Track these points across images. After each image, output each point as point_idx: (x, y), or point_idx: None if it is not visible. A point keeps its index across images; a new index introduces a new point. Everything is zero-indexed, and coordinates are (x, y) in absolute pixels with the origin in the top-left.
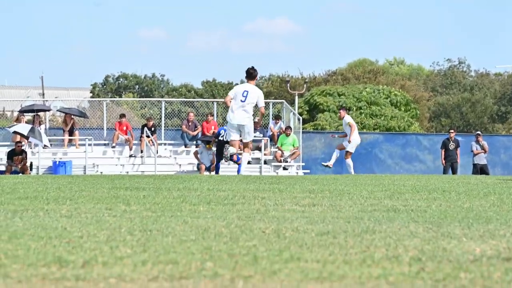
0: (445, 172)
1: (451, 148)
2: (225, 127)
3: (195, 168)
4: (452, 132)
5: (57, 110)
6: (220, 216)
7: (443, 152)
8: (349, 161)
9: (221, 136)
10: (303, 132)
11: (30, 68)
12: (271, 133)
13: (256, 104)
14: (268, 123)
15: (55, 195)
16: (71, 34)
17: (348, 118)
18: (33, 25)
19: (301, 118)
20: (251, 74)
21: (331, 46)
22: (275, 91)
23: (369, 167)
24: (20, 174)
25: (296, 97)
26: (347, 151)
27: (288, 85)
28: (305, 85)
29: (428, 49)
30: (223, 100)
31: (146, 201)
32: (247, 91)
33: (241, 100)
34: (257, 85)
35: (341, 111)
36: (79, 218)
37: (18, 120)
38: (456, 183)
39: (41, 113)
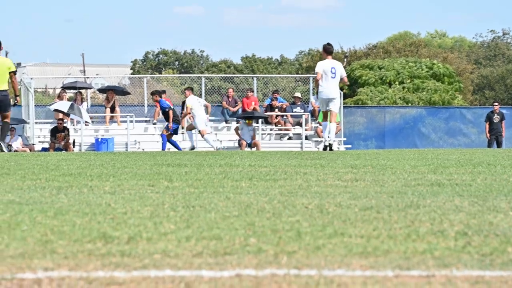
0: (489, 145)
1: (495, 121)
2: None
3: (236, 144)
4: (496, 105)
5: (97, 90)
6: (263, 192)
7: (487, 126)
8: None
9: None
10: (344, 107)
11: (71, 46)
12: (312, 108)
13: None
14: (309, 98)
15: (98, 172)
16: (111, 11)
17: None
18: (73, 3)
19: (342, 92)
20: (329, 50)
21: (371, 19)
22: (315, 65)
23: (411, 142)
24: (63, 151)
25: None
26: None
27: None
28: (345, 59)
29: (470, 21)
30: (262, 75)
31: (188, 177)
32: (334, 68)
33: (331, 77)
34: (296, 60)
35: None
36: (122, 195)
37: (60, 97)
38: (501, 156)
39: (82, 91)
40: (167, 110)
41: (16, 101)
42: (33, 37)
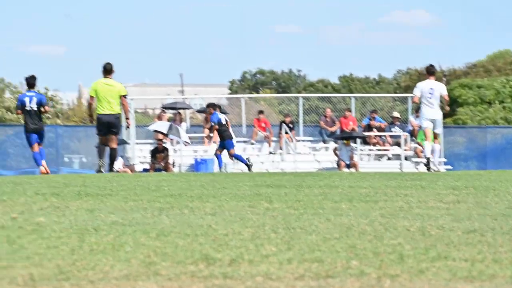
0: None
1: None
2: None
3: (335, 165)
4: None
5: (196, 111)
6: (363, 213)
7: None
8: None
9: None
10: (444, 127)
11: (170, 66)
12: (411, 128)
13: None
14: (408, 117)
15: (199, 193)
16: (209, 32)
17: None
18: (172, 25)
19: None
20: (430, 71)
21: (470, 37)
22: (413, 85)
23: None
24: (163, 171)
25: None
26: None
27: None
28: (444, 79)
29: None
30: (360, 95)
31: (288, 198)
32: (432, 88)
33: (428, 98)
34: (395, 79)
35: None
36: (223, 216)
37: (159, 117)
38: None
39: (181, 111)
40: (214, 124)
41: (127, 124)
42: (133, 57)
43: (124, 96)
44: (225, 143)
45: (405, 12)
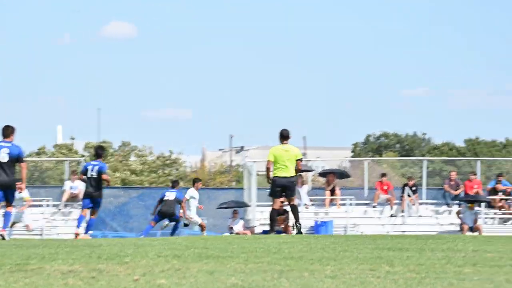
0: None
1: None
2: None
3: (458, 228)
4: None
5: (318, 174)
6: (487, 278)
7: None
8: None
9: None
10: None
11: (293, 129)
12: None
13: None
14: None
15: (319, 256)
16: (332, 95)
17: None
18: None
19: None
20: None
21: None
22: None
23: None
24: (283, 233)
25: None
26: None
27: None
28: None
29: None
30: (486, 158)
31: (409, 262)
32: None
33: None
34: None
35: None
36: (343, 279)
37: None
38: None
39: (303, 173)
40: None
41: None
42: (257, 120)
43: (300, 159)
44: None
45: None
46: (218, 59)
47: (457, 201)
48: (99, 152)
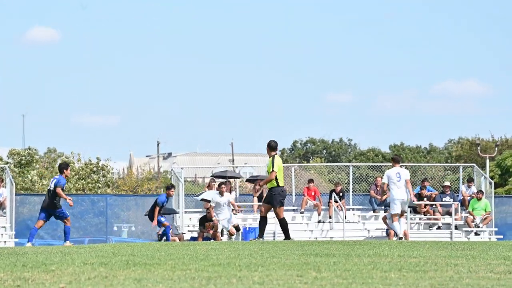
0: None
1: None
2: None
3: (384, 234)
4: None
5: (246, 180)
6: (412, 283)
7: None
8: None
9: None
10: (495, 197)
11: (220, 135)
12: (462, 197)
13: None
14: (459, 187)
15: (247, 262)
16: (259, 101)
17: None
18: (222, 93)
19: (492, 182)
20: None
21: None
22: (465, 154)
23: None
24: (212, 240)
25: (487, 160)
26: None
27: (479, 148)
28: (496, 148)
29: None
30: (411, 164)
31: (336, 267)
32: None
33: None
34: (446, 149)
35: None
36: (271, 285)
37: (209, 186)
38: None
39: (231, 180)
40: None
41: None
42: (184, 127)
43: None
44: None
45: (457, 82)
46: (145, 65)
47: (383, 207)
48: (60, 167)
